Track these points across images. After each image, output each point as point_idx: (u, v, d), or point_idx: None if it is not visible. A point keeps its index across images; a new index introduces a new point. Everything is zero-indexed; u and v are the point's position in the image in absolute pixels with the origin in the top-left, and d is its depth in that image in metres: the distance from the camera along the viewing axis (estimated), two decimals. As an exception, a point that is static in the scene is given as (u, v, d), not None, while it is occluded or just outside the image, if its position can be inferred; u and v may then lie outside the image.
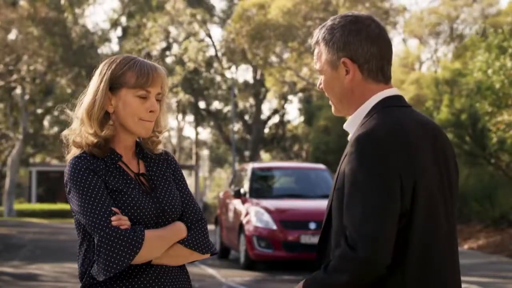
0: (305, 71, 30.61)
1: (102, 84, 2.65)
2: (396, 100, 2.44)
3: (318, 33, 2.50)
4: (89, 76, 2.78)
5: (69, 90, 36.50)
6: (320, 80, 2.53)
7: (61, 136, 2.75)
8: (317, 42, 2.51)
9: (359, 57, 2.42)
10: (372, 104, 2.42)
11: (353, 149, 2.30)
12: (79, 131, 2.68)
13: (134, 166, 2.73)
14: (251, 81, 41.94)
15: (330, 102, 2.54)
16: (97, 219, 2.54)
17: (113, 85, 2.65)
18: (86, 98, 2.68)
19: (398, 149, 2.29)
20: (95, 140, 2.64)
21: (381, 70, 2.44)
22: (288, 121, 44.08)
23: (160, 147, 2.81)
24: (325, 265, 2.33)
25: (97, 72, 2.70)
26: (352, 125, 2.45)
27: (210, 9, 39.97)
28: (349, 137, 2.45)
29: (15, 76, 31.08)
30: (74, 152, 2.70)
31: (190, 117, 47.36)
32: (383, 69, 2.45)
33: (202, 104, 42.59)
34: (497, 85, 15.94)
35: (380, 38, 2.45)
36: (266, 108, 48.99)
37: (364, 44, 2.42)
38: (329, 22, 2.49)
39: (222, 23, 40.67)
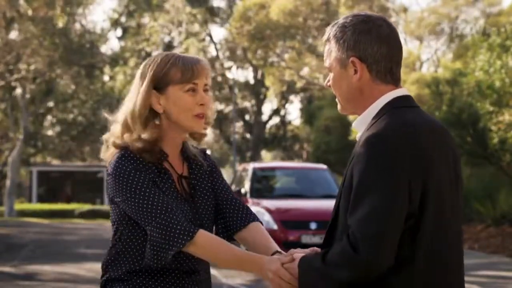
0: (305, 70, 30.61)
1: (144, 85, 2.60)
2: (406, 101, 2.44)
3: (330, 31, 2.50)
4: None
5: (69, 90, 36.53)
6: (329, 77, 2.52)
7: (103, 138, 2.70)
8: (328, 39, 2.50)
9: (368, 57, 2.41)
10: (381, 104, 2.42)
11: (363, 149, 2.30)
12: (120, 134, 2.64)
13: (178, 167, 2.70)
14: (251, 81, 41.95)
15: (337, 100, 2.53)
16: (149, 210, 2.52)
17: (159, 84, 2.61)
18: (128, 102, 2.64)
19: (408, 150, 2.29)
20: (142, 146, 2.59)
21: (389, 71, 2.43)
22: (289, 121, 44.07)
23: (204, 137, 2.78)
24: (323, 253, 2.34)
25: (138, 74, 2.66)
26: (361, 124, 2.45)
27: (210, 9, 39.95)
28: (357, 136, 2.45)
29: (15, 76, 31.09)
30: (112, 151, 2.66)
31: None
32: (392, 70, 2.44)
33: (202, 104, 42.54)
34: (498, 84, 15.92)
35: (391, 39, 2.44)
36: (267, 108, 49.05)
37: (374, 44, 2.41)
38: (341, 20, 2.48)
39: (223, 23, 40.67)
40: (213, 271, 13.15)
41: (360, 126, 2.45)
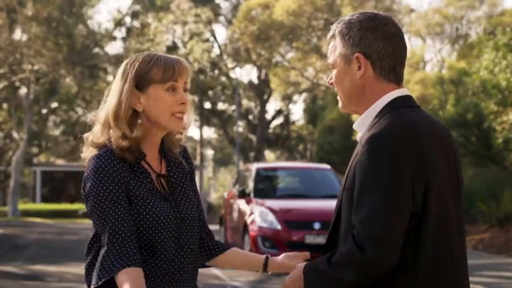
0: (309, 71, 30.60)
1: (127, 84, 2.61)
2: (407, 101, 2.43)
3: (335, 27, 2.49)
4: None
5: (73, 90, 36.55)
6: (331, 74, 2.50)
7: (84, 137, 2.68)
8: (333, 36, 2.49)
9: (372, 54, 2.40)
10: (383, 104, 2.40)
11: (365, 149, 2.29)
12: (100, 134, 2.63)
13: (157, 166, 2.69)
14: (255, 81, 41.95)
15: (338, 97, 2.51)
16: (110, 227, 2.51)
17: (140, 83, 2.61)
18: (110, 101, 2.64)
19: (410, 150, 2.28)
20: (127, 145, 2.58)
21: (393, 69, 2.42)
22: (293, 121, 44.06)
23: (180, 143, 2.79)
24: (328, 256, 2.33)
25: (120, 72, 2.67)
26: (363, 124, 2.43)
27: (215, 9, 39.96)
28: (358, 136, 2.44)
29: (19, 76, 31.12)
30: (92, 150, 2.64)
31: (194, 117, 47.37)
32: (396, 69, 2.43)
33: (207, 104, 42.59)
34: (503, 83, 15.90)
35: (396, 38, 2.43)
36: (271, 108, 49.04)
37: (379, 42, 2.40)
38: (347, 17, 2.48)
39: (227, 23, 40.66)
40: (217, 272, 13.17)
41: (361, 127, 2.44)
